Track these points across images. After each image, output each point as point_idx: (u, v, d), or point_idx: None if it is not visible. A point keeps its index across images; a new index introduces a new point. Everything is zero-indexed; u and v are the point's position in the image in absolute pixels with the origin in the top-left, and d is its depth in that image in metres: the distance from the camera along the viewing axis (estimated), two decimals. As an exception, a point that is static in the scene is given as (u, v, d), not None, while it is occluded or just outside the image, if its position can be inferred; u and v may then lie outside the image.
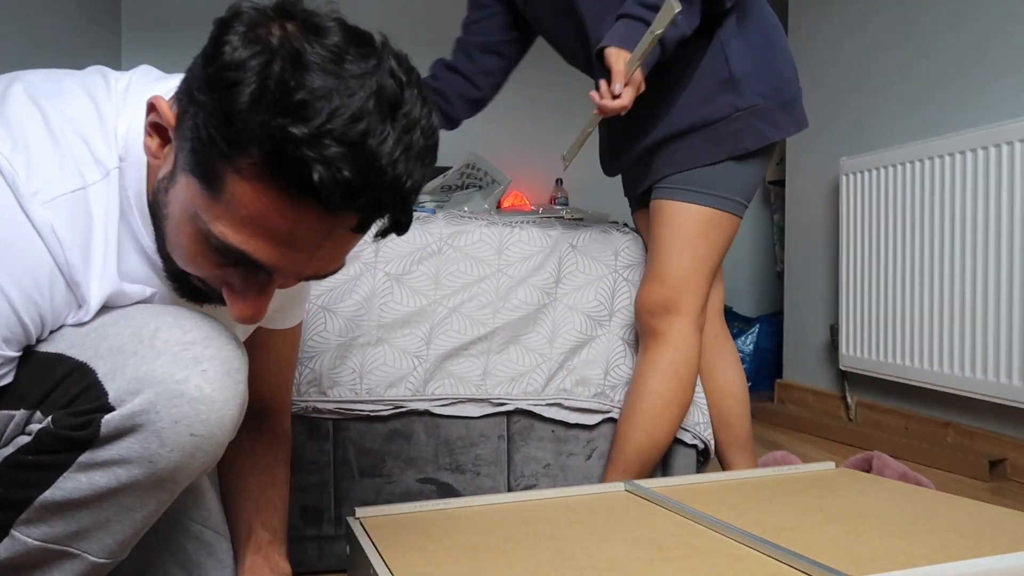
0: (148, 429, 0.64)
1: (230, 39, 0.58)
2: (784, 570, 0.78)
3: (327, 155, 0.56)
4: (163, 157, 0.66)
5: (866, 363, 2.32)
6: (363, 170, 0.57)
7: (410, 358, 1.29)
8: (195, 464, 0.67)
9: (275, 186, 0.58)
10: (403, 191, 0.61)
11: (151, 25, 3.28)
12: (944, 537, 0.87)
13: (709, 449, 1.38)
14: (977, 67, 2.02)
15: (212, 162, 0.59)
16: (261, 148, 0.56)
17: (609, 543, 0.88)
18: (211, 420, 0.65)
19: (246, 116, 0.56)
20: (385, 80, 0.59)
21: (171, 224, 0.66)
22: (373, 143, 0.57)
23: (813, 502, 1.03)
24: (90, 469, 0.65)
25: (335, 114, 0.56)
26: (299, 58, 0.57)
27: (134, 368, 0.64)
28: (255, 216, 0.59)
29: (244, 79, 0.56)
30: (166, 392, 0.63)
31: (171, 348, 0.65)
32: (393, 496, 1.28)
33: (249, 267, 0.64)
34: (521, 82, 3.64)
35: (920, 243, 2.10)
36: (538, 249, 1.40)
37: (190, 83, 0.62)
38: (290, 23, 0.59)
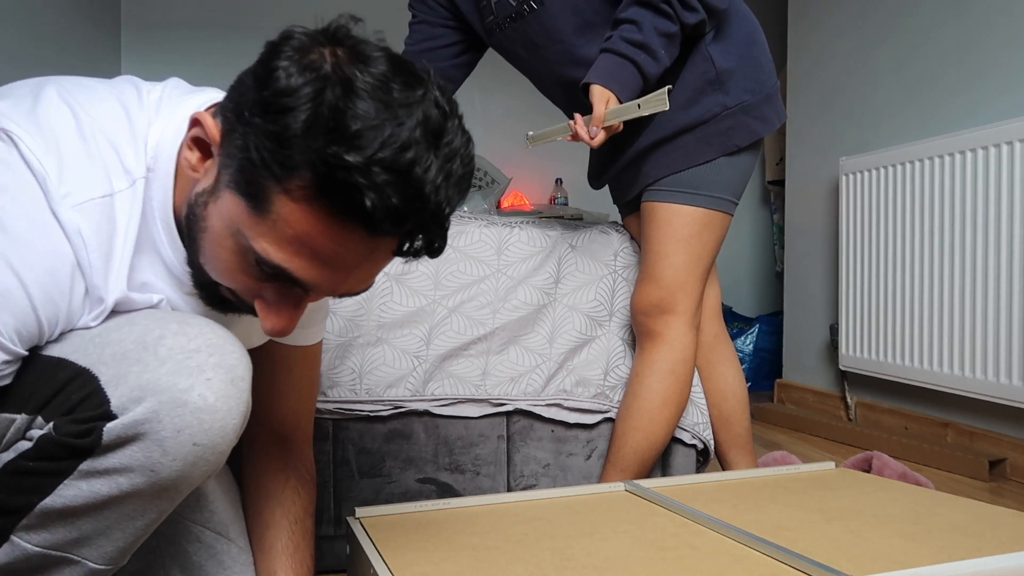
0: (150, 438, 0.64)
1: (282, 64, 0.60)
2: (784, 570, 0.78)
3: (378, 182, 0.58)
4: (203, 172, 0.67)
5: (866, 363, 2.32)
6: (409, 197, 0.60)
7: (410, 358, 1.29)
8: (197, 473, 0.67)
9: (324, 209, 0.60)
10: (443, 217, 0.64)
11: (151, 26, 3.28)
12: (944, 537, 0.87)
13: (709, 449, 1.38)
14: (977, 67, 2.02)
15: (261, 182, 0.61)
16: (313, 172, 0.58)
17: (609, 543, 0.88)
18: (214, 429, 0.65)
19: (300, 141, 0.58)
20: (430, 110, 0.61)
21: (209, 236, 0.67)
22: (419, 171, 0.60)
23: (813, 502, 1.03)
24: (91, 477, 0.65)
25: (386, 143, 0.58)
26: (350, 85, 0.59)
27: (137, 375, 0.64)
28: (301, 236, 0.61)
29: (298, 105, 0.58)
30: (169, 401, 0.63)
31: (175, 356, 0.65)
32: (393, 496, 1.28)
33: (285, 283, 0.65)
34: (520, 82, 3.64)
35: (920, 243, 2.10)
36: (538, 249, 1.40)
37: (239, 103, 0.63)
38: (340, 49, 0.62)
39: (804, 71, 2.73)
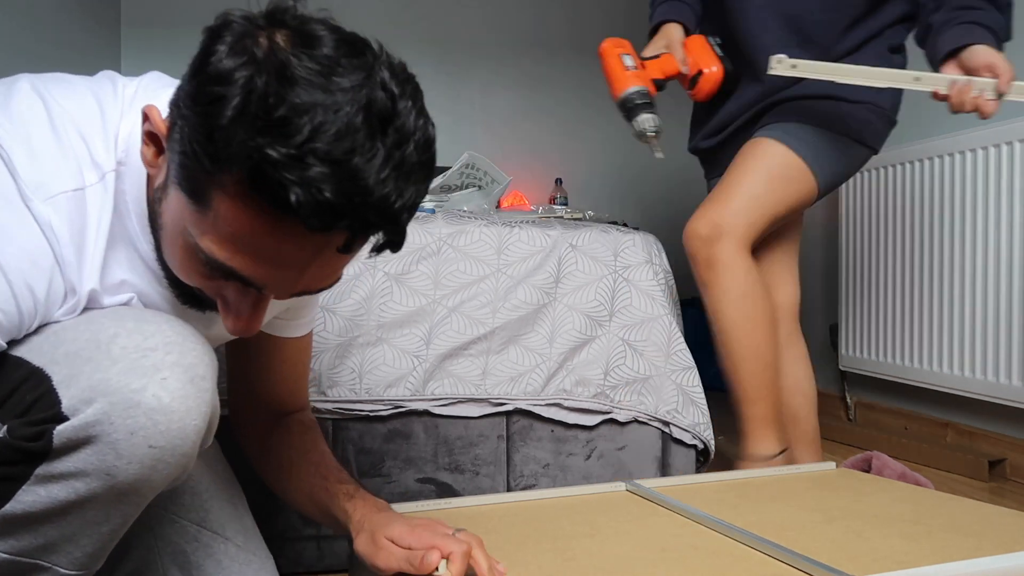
0: (103, 441, 0.61)
1: (217, 49, 0.56)
2: (785, 570, 0.78)
3: (307, 176, 0.54)
4: (158, 167, 0.65)
5: (866, 363, 2.32)
6: (347, 190, 0.55)
7: (409, 358, 1.29)
8: (157, 477, 0.63)
9: (257, 205, 0.56)
10: (393, 210, 0.58)
11: (151, 25, 3.28)
12: (944, 537, 0.87)
13: (709, 449, 1.38)
14: (977, 67, 2.02)
15: (198, 178, 0.58)
16: (243, 167, 0.55)
17: (610, 543, 0.88)
18: (171, 431, 0.62)
19: (228, 133, 0.55)
20: (376, 93, 0.57)
21: (165, 235, 0.66)
22: (359, 161, 0.55)
23: (814, 502, 1.03)
24: (48, 482, 0.62)
25: (318, 131, 0.54)
26: (284, 71, 0.55)
27: (88, 375, 0.61)
28: (240, 234, 0.58)
29: (228, 93, 0.55)
30: (121, 402, 0.60)
31: (129, 355, 0.62)
32: (392, 496, 1.28)
33: (240, 281, 0.63)
34: (520, 82, 3.65)
35: (920, 243, 2.10)
36: (538, 249, 1.40)
37: (179, 94, 0.60)
38: (280, 32, 0.57)
39: (804, 71, 2.73)
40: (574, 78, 3.66)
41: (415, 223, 1.38)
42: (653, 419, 1.35)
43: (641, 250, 1.44)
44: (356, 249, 0.62)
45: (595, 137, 3.70)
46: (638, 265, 1.42)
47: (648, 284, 1.41)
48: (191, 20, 3.74)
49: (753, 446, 1.32)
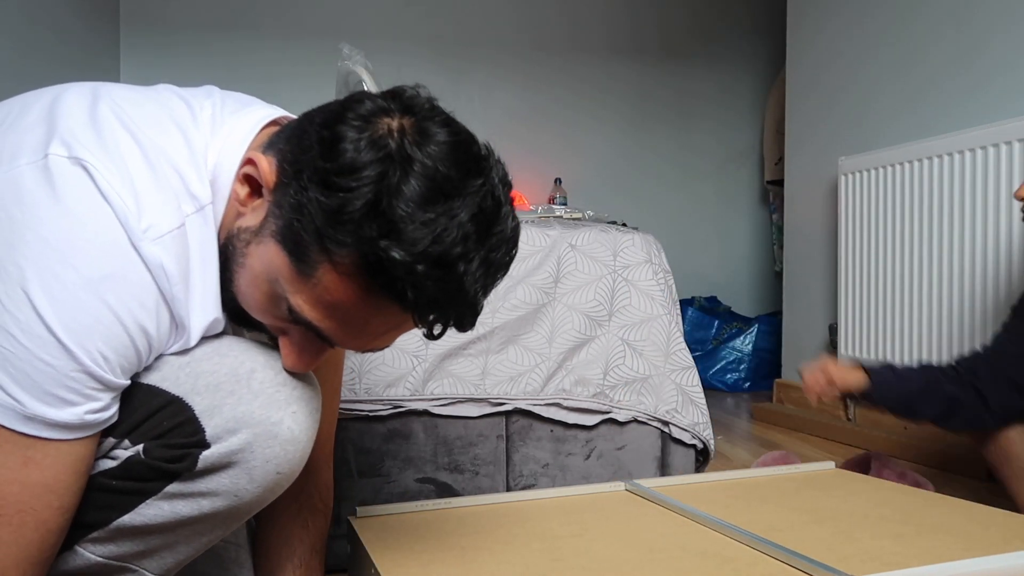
0: (242, 466, 0.67)
1: (349, 135, 0.60)
2: (778, 568, 0.78)
3: (420, 276, 0.59)
4: (249, 209, 0.68)
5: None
6: (450, 291, 0.62)
7: (409, 357, 1.29)
8: (271, 497, 0.70)
9: (365, 285, 0.61)
10: (477, 308, 0.66)
11: (150, 26, 3.28)
12: (934, 538, 0.87)
13: (709, 449, 1.38)
14: (976, 66, 2.02)
15: (309, 247, 0.61)
16: (362, 253, 0.59)
17: (601, 543, 0.88)
18: (295, 458, 0.69)
19: (354, 224, 0.59)
20: (486, 201, 0.62)
21: (245, 274, 0.68)
22: (462, 267, 0.61)
23: (805, 502, 1.04)
24: (175, 499, 0.67)
25: (437, 239, 0.59)
26: (410, 168, 0.59)
27: (232, 407, 0.67)
28: (338, 303, 0.63)
29: (359, 187, 0.59)
30: (263, 433, 0.67)
31: (267, 390, 0.68)
32: (392, 496, 1.28)
33: (312, 332, 0.67)
34: (520, 82, 3.65)
35: (919, 243, 2.10)
36: (537, 249, 1.40)
37: (299, 161, 0.63)
38: (406, 120, 0.62)
39: (804, 71, 2.74)
40: (574, 78, 3.66)
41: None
42: (652, 419, 1.35)
43: (640, 250, 1.44)
44: (437, 334, 0.67)
45: (595, 137, 3.70)
46: (637, 265, 1.42)
47: (647, 284, 1.41)
48: (190, 20, 3.77)
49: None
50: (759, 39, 3.87)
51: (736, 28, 3.87)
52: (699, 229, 3.84)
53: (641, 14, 3.76)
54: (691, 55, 3.82)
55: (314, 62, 3.25)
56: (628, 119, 3.75)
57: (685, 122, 3.83)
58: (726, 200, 3.90)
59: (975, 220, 1.92)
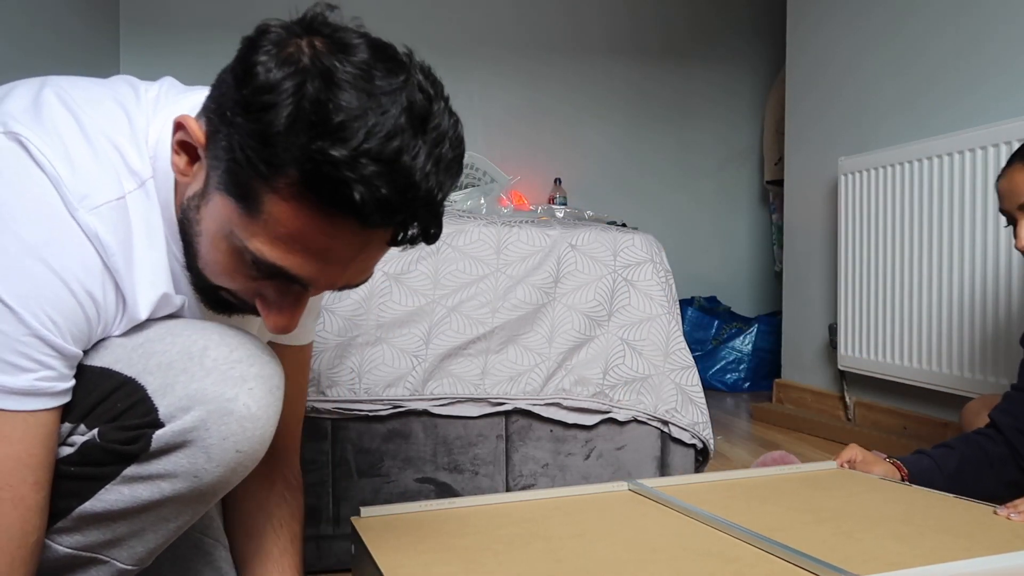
0: (197, 445, 0.65)
1: (261, 60, 0.59)
2: (779, 568, 0.78)
3: (365, 174, 0.57)
4: (192, 175, 0.67)
5: (865, 363, 2.32)
6: (400, 187, 0.59)
7: (409, 358, 1.29)
8: (235, 478, 0.69)
9: (313, 205, 0.59)
10: (435, 204, 0.63)
11: (149, 25, 3.28)
12: (936, 538, 0.87)
13: (708, 449, 1.38)
14: (976, 66, 2.02)
15: (249, 182, 0.60)
16: (300, 169, 0.57)
17: (602, 543, 0.88)
18: (255, 437, 0.67)
19: (284, 138, 0.57)
20: (415, 95, 0.60)
21: (204, 240, 0.67)
22: (407, 159, 0.59)
23: (806, 502, 1.04)
24: (134, 482, 0.66)
25: (371, 133, 0.57)
26: (331, 76, 0.58)
27: (184, 385, 0.66)
28: (293, 233, 0.61)
29: (280, 101, 0.57)
30: (217, 410, 0.65)
31: (220, 367, 0.67)
32: (392, 496, 1.28)
33: (284, 280, 0.65)
34: (520, 82, 3.65)
35: (919, 243, 2.10)
36: (537, 248, 1.40)
37: (221, 103, 0.62)
38: (317, 39, 0.60)
39: (803, 71, 2.74)
40: (573, 78, 3.66)
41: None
42: (652, 418, 1.35)
43: (641, 250, 1.44)
44: (399, 242, 0.65)
45: (595, 137, 3.70)
46: (637, 265, 1.42)
47: (647, 284, 1.41)
48: (189, 19, 3.76)
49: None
50: (759, 39, 3.86)
51: (736, 28, 3.87)
52: (699, 229, 3.84)
53: (641, 14, 3.76)
54: (691, 55, 3.82)
55: (314, 62, 3.24)
56: (628, 119, 3.75)
57: (685, 122, 3.83)
58: (726, 200, 3.90)
59: (975, 220, 1.92)
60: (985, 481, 1.22)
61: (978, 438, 1.28)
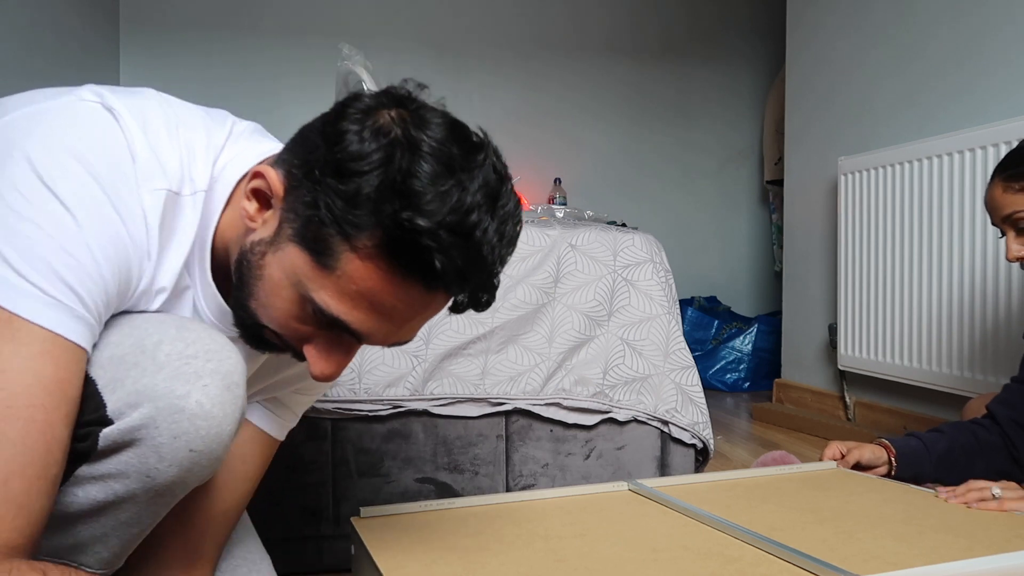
0: (147, 444, 0.63)
1: (352, 128, 0.63)
2: (779, 568, 0.78)
3: (445, 245, 0.61)
4: (260, 222, 0.68)
5: (865, 363, 2.32)
6: (472, 258, 0.63)
7: (409, 358, 1.29)
8: (192, 478, 0.67)
9: (389, 266, 0.62)
10: (496, 275, 0.68)
11: (149, 25, 3.28)
12: (936, 538, 0.87)
13: (708, 448, 1.38)
14: (976, 66, 2.02)
15: (328, 239, 0.63)
16: (385, 233, 0.61)
17: (602, 543, 0.88)
18: (210, 435, 0.65)
19: (372, 203, 0.61)
20: (489, 175, 0.65)
21: (265, 285, 0.68)
22: (479, 234, 0.63)
23: (806, 502, 1.04)
24: (87, 483, 0.65)
25: (453, 208, 0.61)
26: (417, 148, 0.62)
27: (134, 380, 0.64)
28: (364, 291, 0.64)
29: (371, 169, 0.61)
30: (167, 407, 0.63)
31: (173, 362, 0.65)
32: (392, 496, 1.28)
33: (340, 331, 0.67)
34: (520, 82, 3.65)
35: (919, 243, 2.10)
36: (537, 248, 1.40)
37: (308, 161, 0.65)
38: (404, 112, 0.64)
39: (803, 71, 2.74)
40: (573, 78, 3.66)
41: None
42: (652, 418, 1.35)
43: (641, 250, 1.44)
44: (458, 306, 0.68)
45: (595, 137, 3.71)
46: (638, 265, 1.42)
47: (647, 284, 1.41)
48: (189, 20, 3.76)
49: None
50: (759, 39, 3.86)
51: (736, 28, 3.87)
52: (699, 229, 3.84)
53: (641, 14, 3.76)
54: (691, 55, 3.82)
55: (314, 62, 3.25)
56: (628, 119, 3.75)
57: (685, 122, 3.83)
58: (726, 200, 3.90)
59: (975, 220, 1.92)
60: (973, 468, 1.23)
61: (971, 426, 1.30)
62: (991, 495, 1.01)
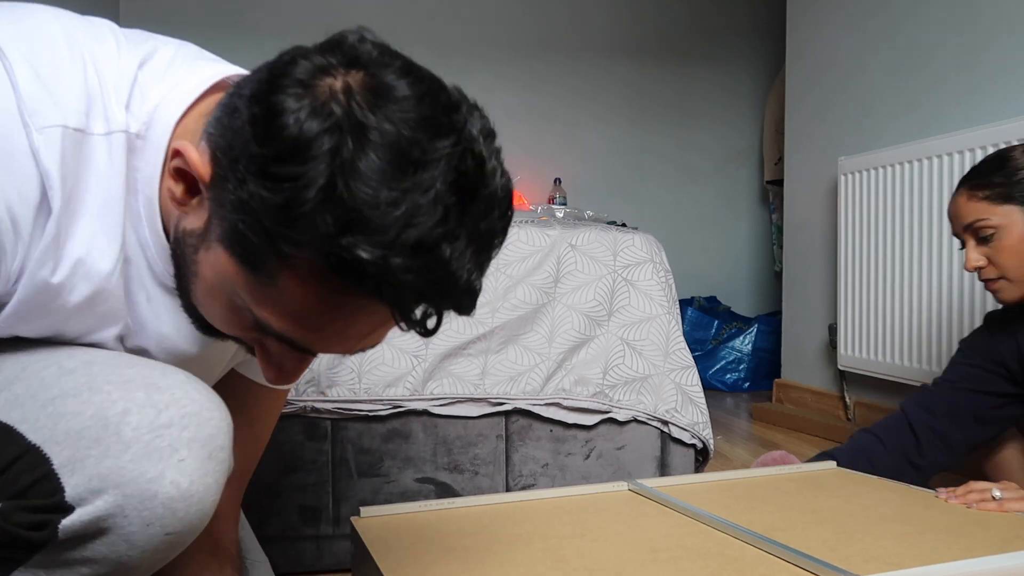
0: (115, 533, 0.55)
1: (287, 106, 0.50)
2: (779, 568, 0.78)
3: (395, 268, 0.50)
4: (190, 208, 0.58)
5: (864, 363, 2.32)
6: (435, 279, 0.52)
7: (409, 357, 1.29)
8: (171, 554, 0.59)
9: (335, 288, 0.52)
10: (473, 289, 0.55)
11: (149, 25, 3.28)
12: (936, 538, 0.87)
13: (708, 448, 1.38)
14: (976, 66, 2.02)
15: (262, 253, 0.52)
16: (326, 254, 0.50)
17: (603, 543, 0.88)
18: (190, 515, 0.57)
19: (309, 218, 0.49)
20: (466, 163, 0.52)
21: (200, 284, 0.59)
22: (446, 248, 0.51)
23: (806, 502, 1.04)
24: (51, 568, 0.57)
25: (408, 224, 0.49)
26: (364, 137, 0.49)
27: (97, 462, 0.55)
28: (308, 311, 0.54)
29: (308, 173, 0.49)
30: (136, 494, 0.55)
31: (142, 436, 0.55)
32: (392, 496, 1.28)
33: (291, 346, 0.58)
34: (520, 82, 3.65)
35: (919, 243, 2.10)
36: (537, 248, 1.40)
37: (234, 146, 0.52)
38: (353, 78, 0.52)
39: (803, 70, 2.74)
40: (573, 78, 3.66)
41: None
42: (652, 418, 1.35)
43: (641, 250, 1.44)
44: (434, 328, 0.57)
45: (595, 137, 3.71)
46: (637, 265, 1.42)
47: (647, 284, 1.41)
48: (190, 20, 3.77)
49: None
50: (759, 39, 3.87)
51: (736, 28, 3.87)
52: (699, 229, 3.85)
53: (641, 14, 3.76)
54: (691, 55, 3.82)
55: (314, 62, 3.25)
56: (628, 119, 3.75)
57: (685, 122, 3.83)
58: (726, 200, 3.90)
59: (975, 220, 1.92)
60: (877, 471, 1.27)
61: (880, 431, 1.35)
62: (991, 496, 1.01)
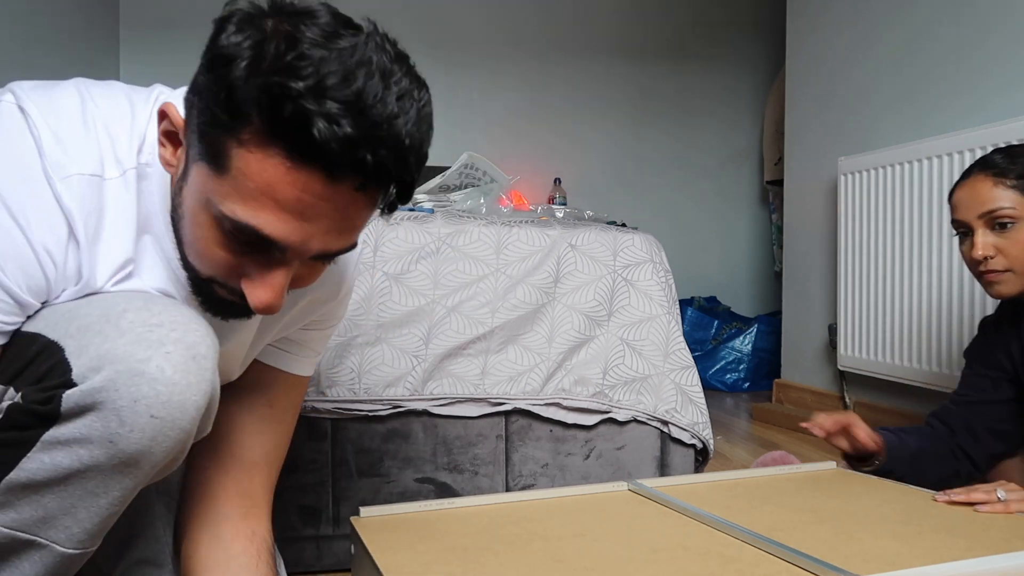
0: (107, 407, 0.64)
1: (226, 28, 0.61)
2: (779, 568, 0.78)
3: (326, 109, 0.57)
4: (178, 161, 0.68)
5: (864, 363, 2.32)
6: (362, 124, 0.58)
7: (408, 358, 1.29)
8: (158, 449, 0.66)
9: (278, 151, 0.60)
10: (403, 148, 0.61)
11: (149, 26, 3.28)
12: (936, 538, 0.87)
13: (708, 448, 1.38)
14: (976, 66, 2.02)
15: (217, 140, 0.61)
16: (261, 110, 0.58)
17: (602, 543, 0.88)
18: (172, 403, 0.65)
19: (244, 83, 0.58)
20: (379, 55, 0.61)
21: (187, 223, 0.68)
22: (369, 99, 0.59)
23: (807, 502, 1.04)
24: (52, 448, 0.65)
25: (333, 72, 0.58)
26: (292, 35, 0.59)
27: (98, 346, 0.65)
28: (262, 187, 0.61)
29: (241, 53, 0.59)
30: (127, 370, 0.64)
31: (135, 328, 0.66)
32: (391, 496, 1.28)
33: (262, 250, 0.65)
34: (520, 81, 3.65)
35: (919, 243, 2.10)
36: (537, 248, 1.40)
37: (195, 85, 0.64)
38: (282, 17, 0.62)
39: (803, 70, 2.74)
40: (574, 78, 3.66)
41: (414, 223, 1.38)
42: (652, 418, 1.35)
43: (641, 250, 1.44)
44: (371, 191, 0.63)
45: (595, 137, 3.71)
46: (637, 265, 1.42)
47: (647, 284, 1.41)
48: (190, 21, 3.77)
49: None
50: (759, 39, 3.87)
51: (736, 28, 3.87)
52: (699, 229, 3.85)
53: (642, 14, 3.76)
54: (691, 55, 3.82)
55: (314, 62, 3.25)
56: (628, 119, 3.75)
57: (685, 122, 3.83)
58: (726, 200, 3.90)
59: (975, 220, 1.92)
60: (927, 473, 1.27)
61: (929, 431, 1.34)
62: (997, 498, 1.01)
